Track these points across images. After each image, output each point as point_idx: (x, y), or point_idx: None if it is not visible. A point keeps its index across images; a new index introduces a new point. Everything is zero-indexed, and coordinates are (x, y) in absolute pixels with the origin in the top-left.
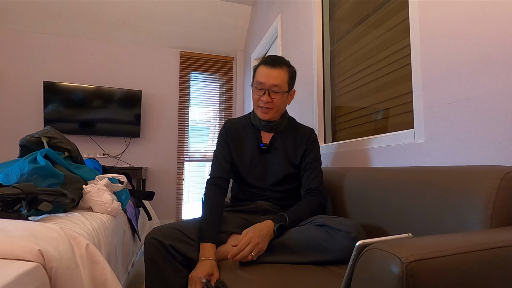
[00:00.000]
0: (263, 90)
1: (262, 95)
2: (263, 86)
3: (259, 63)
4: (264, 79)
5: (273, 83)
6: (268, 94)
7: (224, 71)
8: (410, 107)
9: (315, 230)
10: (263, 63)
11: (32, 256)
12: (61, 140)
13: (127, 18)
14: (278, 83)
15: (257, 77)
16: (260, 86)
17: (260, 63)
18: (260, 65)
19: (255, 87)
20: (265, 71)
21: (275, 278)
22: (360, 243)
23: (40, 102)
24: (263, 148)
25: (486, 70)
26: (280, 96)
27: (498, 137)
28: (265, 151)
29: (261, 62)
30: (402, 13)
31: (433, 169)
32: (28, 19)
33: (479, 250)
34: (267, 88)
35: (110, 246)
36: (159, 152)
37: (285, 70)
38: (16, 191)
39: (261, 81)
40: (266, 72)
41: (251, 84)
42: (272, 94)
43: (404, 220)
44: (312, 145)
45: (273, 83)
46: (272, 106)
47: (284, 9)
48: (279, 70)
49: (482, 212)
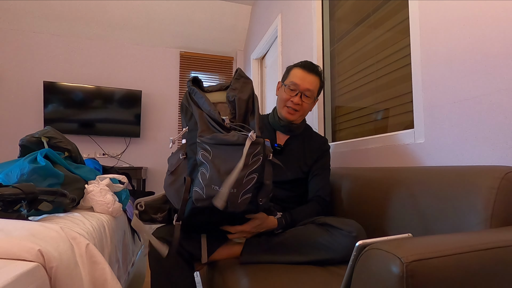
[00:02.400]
0: (296, 91)
1: (294, 96)
2: (297, 88)
3: (295, 65)
4: (300, 81)
5: (307, 87)
6: (300, 97)
7: (224, 71)
8: (410, 107)
9: (317, 229)
10: (301, 66)
11: (32, 256)
12: (61, 140)
13: (127, 18)
14: (312, 88)
15: (291, 77)
16: (294, 87)
17: (297, 66)
18: (297, 67)
19: (288, 87)
20: (302, 74)
21: (275, 278)
22: (360, 243)
23: (40, 102)
24: (277, 149)
25: (486, 70)
26: (310, 101)
27: (498, 137)
28: (278, 152)
29: (297, 64)
30: (402, 13)
31: (433, 169)
32: (28, 19)
33: (479, 250)
34: (300, 90)
35: (110, 246)
36: (159, 152)
37: (318, 78)
38: (16, 191)
39: (297, 83)
40: (302, 75)
41: (283, 83)
42: (304, 97)
43: (404, 220)
44: (325, 154)
45: (307, 87)
46: (299, 109)
47: (284, 9)
48: (314, 77)
49: (482, 212)
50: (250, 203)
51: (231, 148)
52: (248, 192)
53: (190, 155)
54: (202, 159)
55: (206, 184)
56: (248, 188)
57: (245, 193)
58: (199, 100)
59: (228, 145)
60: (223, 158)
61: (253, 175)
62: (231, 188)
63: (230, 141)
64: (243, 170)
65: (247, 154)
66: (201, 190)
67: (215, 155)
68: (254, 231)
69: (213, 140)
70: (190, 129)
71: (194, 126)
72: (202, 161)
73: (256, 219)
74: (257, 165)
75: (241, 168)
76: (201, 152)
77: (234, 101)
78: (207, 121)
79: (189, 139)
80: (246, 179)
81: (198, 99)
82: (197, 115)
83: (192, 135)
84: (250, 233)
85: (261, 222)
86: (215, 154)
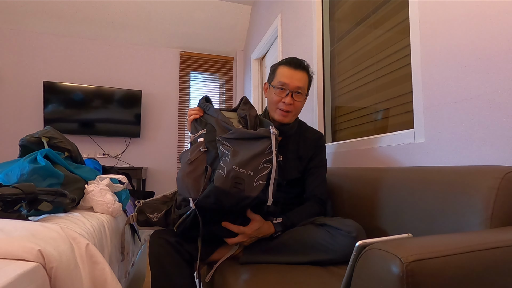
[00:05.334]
0: (286, 91)
1: (285, 97)
2: (286, 87)
3: (279, 63)
4: (288, 80)
5: (297, 85)
6: (291, 96)
7: (224, 71)
8: (410, 107)
9: (316, 229)
10: (286, 64)
11: (32, 256)
12: (61, 140)
13: (127, 18)
14: (302, 85)
15: (279, 77)
16: (284, 86)
17: (281, 63)
18: (282, 65)
19: (276, 87)
20: (289, 72)
21: (275, 278)
22: (360, 243)
23: (40, 102)
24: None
25: (486, 70)
26: (302, 99)
27: (498, 137)
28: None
29: (282, 62)
30: (402, 13)
31: (433, 169)
32: (28, 19)
33: (479, 250)
34: (290, 89)
35: (110, 246)
36: (159, 152)
37: (306, 74)
38: (16, 191)
39: (285, 82)
40: (290, 73)
41: (270, 85)
42: (295, 95)
43: (404, 220)
44: (320, 150)
45: (297, 85)
46: (292, 109)
47: (284, 9)
48: (302, 73)
49: (482, 212)
50: (263, 191)
51: (251, 142)
52: (263, 178)
53: (210, 149)
54: (225, 150)
55: (228, 167)
56: (262, 174)
57: (260, 179)
58: (214, 114)
59: (249, 139)
60: (244, 148)
61: (267, 165)
62: (249, 171)
63: (252, 133)
64: (260, 157)
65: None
66: (223, 171)
67: (236, 147)
68: (254, 235)
69: (234, 134)
70: (208, 131)
71: (212, 128)
72: (224, 151)
73: (255, 221)
74: (270, 157)
75: (259, 153)
76: (222, 145)
77: (245, 117)
78: (223, 127)
79: (207, 138)
80: (261, 166)
81: (213, 113)
82: (213, 122)
83: (210, 135)
84: (249, 237)
85: (260, 225)
86: (236, 146)
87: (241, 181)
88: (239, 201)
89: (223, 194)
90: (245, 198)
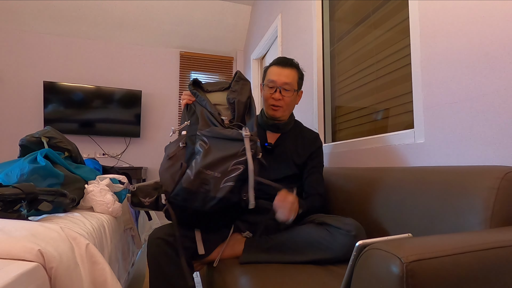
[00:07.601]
0: (275, 87)
1: (274, 93)
2: (274, 84)
3: (270, 64)
4: (276, 77)
5: (284, 81)
6: (280, 92)
7: (224, 71)
8: (410, 107)
9: (316, 228)
10: (275, 64)
11: (32, 256)
12: (61, 140)
13: (127, 18)
14: (289, 81)
15: (268, 76)
16: (272, 84)
17: (271, 64)
18: (272, 65)
19: (266, 85)
20: (277, 70)
21: (275, 278)
22: (360, 243)
23: (40, 102)
24: (267, 148)
25: (486, 70)
26: (290, 94)
27: (498, 137)
28: (269, 151)
29: (272, 63)
30: (402, 13)
31: (433, 169)
32: (28, 19)
33: (479, 250)
34: (278, 85)
35: (110, 246)
36: (159, 152)
37: (294, 70)
38: (16, 191)
39: (273, 79)
40: (278, 71)
41: (262, 84)
42: (283, 91)
43: (404, 220)
44: (318, 151)
45: (284, 81)
46: (282, 104)
47: (284, 9)
48: (290, 70)
49: (482, 212)
50: (231, 192)
51: (226, 142)
52: (231, 180)
53: (189, 145)
54: (200, 148)
55: (196, 168)
56: (231, 176)
57: (228, 181)
58: (202, 102)
59: (224, 139)
60: (218, 148)
61: (239, 166)
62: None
63: (226, 135)
64: (231, 159)
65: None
66: (191, 172)
67: (213, 145)
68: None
69: (210, 133)
70: (191, 123)
71: (196, 121)
72: (199, 149)
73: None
74: (244, 158)
75: (230, 155)
76: (199, 142)
77: (234, 103)
78: (207, 118)
79: (190, 131)
80: (231, 168)
81: (201, 101)
82: (199, 112)
83: (193, 128)
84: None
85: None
86: (212, 144)
87: (208, 182)
88: (206, 202)
89: (190, 194)
90: (212, 198)
